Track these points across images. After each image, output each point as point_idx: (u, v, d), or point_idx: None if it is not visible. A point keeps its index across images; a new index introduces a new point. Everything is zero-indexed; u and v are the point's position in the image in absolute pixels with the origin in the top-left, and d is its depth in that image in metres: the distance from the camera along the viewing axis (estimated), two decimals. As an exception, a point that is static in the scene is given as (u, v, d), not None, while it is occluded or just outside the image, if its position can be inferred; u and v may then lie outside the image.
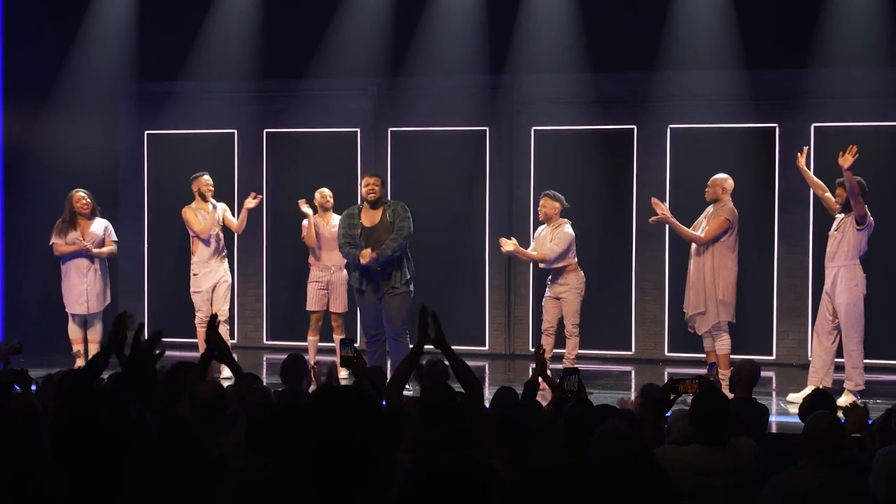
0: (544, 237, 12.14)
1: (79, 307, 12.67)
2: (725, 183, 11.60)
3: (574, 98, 14.24)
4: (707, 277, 11.49)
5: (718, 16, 13.58)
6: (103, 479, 3.22)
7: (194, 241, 12.84)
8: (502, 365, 14.00)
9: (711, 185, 11.61)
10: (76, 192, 12.74)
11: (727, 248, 11.49)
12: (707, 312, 11.53)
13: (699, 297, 11.55)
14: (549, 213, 12.11)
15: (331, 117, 15.04)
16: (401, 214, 11.46)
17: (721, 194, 11.54)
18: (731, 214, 11.47)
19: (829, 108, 13.67)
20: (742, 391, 8.26)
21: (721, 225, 11.43)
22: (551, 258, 12.00)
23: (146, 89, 15.46)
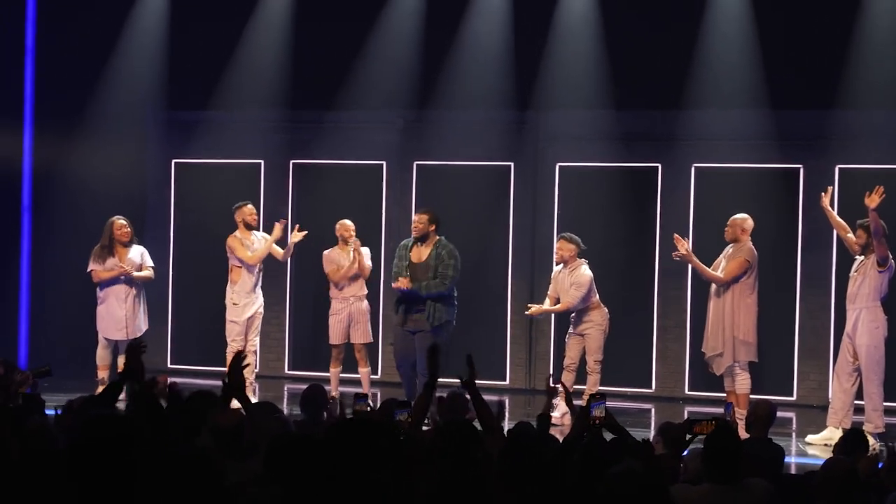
0: (562, 279, 12.16)
1: (118, 333, 12.67)
2: (745, 223, 11.61)
3: (599, 135, 14.28)
4: (726, 318, 11.49)
5: (744, 56, 13.62)
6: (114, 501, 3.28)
7: (236, 270, 12.74)
8: (522, 400, 14.01)
9: (731, 224, 11.63)
10: (117, 219, 12.78)
11: (747, 288, 11.49)
12: (724, 354, 11.52)
13: (717, 338, 11.55)
14: (566, 256, 12.14)
15: (357, 149, 15.11)
16: (444, 260, 11.66)
17: (740, 234, 11.56)
18: (751, 255, 11.49)
19: (853, 149, 13.67)
20: (758, 431, 8.24)
21: (741, 265, 11.44)
22: (574, 305, 12.04)
23: (175, 117, 15.58)
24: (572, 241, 12.14)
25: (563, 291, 12.14)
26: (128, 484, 2.88)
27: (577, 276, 12.02)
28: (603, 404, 6.72)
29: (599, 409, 6.69)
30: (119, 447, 3.64)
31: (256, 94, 14.84)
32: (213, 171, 15.50)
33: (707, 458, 6.14)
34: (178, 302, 15.67)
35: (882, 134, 13.56)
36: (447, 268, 11.65)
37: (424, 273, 11.68)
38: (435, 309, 11.64)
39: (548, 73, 14.23)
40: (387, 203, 15.01)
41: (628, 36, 13.88)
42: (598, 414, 6.67)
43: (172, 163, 15.65)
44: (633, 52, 13.90)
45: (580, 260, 12.13)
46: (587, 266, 12.10)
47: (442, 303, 11.68)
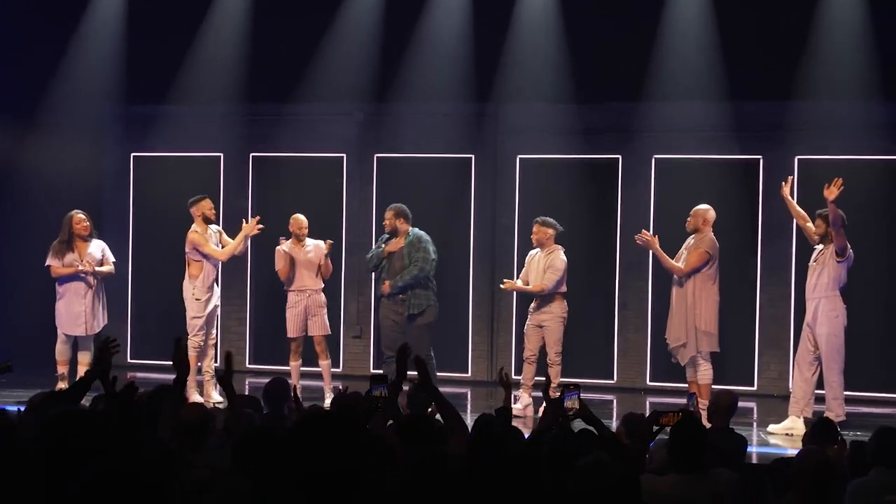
0: (537, 262, 12.13)
1: (77, 329, 12.58)
2: (707, 214, 11.66)
3: (559, 127, 14.30)
4: (689, 309, 11.54)
5: (703, 48, 13.66)
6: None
7: (195, 264, 12.55)
8: (484, 392, 14.02)
9: (693, 215, 11.67)
10: (76, 213, 12.66)
11: (708, 279, 11.54)
12: (688, 344, 11.57)
13: (681, 328, 11.59)
14: (542, 240, 12.13)
15: (317, 142, 15.08)
16: (416, 246, 12.21)
17: (702, 225, 11.60)
18: (711, 246, 11.53)
19: (812, 140, 13.76)
20: (719, 421, 8.28)
21: (701, 257, 11.49)
22: (549, 288, 12.01)
23: (133, 111, 15.48)
24: (548, 224, 12.13)
25: (535, 274, 12.10)
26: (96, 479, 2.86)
27: (554, 260, 12.02)
28: (577, 395, 6.65)
29: (572, 400, 6.63)
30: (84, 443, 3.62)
31: (215, 88, 14.76)
32: (173, 165, 15.43)
33: (673, 448, 6.16)
34: (137, 296, 15.59)
35: (841, 125, 13.64)
36: (419, 250, 12.15)
37: (400, 261, 12.18)
38: (413, 296, 12.11)
39: (508, 66, 14.23)
40: (347, 196, 14.98)
41: (588, 28, 13.89)
42: (571, 405, 6.61)
43: (131, 157, 15.57)
44: (592, 44, 13.90)
45: (557, 245, 12.13)
46: (563, 253, 12.10)
47: (420, 289, 12.12)
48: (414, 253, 12.14)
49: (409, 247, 12.16)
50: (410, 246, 12.16)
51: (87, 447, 3.57)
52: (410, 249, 12.15)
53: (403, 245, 12.21)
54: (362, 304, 14.98)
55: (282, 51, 14.71)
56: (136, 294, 15.60)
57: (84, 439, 3.61)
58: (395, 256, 12.20)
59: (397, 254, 12.20)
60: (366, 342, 14.88)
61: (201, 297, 12.52)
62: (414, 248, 12.16)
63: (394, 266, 12.18)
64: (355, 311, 15.03)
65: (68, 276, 12.57)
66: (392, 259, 12.22)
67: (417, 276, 12.08)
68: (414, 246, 12.17)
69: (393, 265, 12.20)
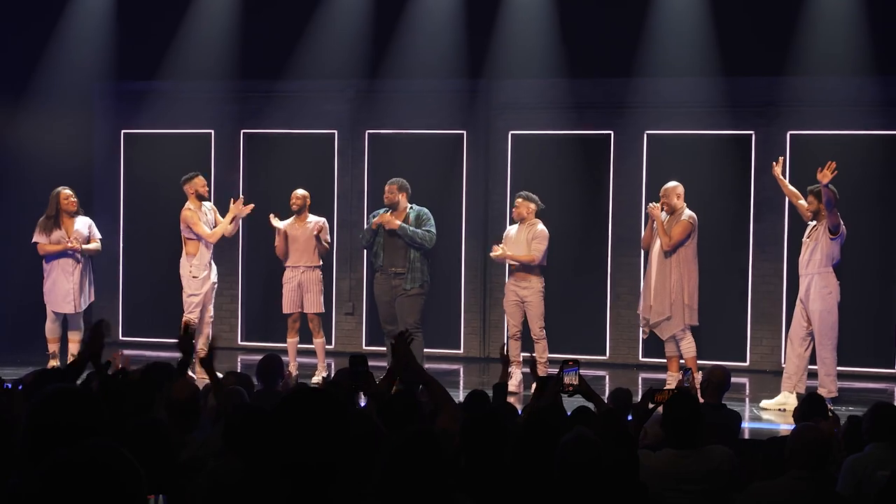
0: (517, 236, 12.10)
1: (66, 306, 12.53)
2: (677, 189, 11.68)
3: (551, 103, 14.27)
4: (674, 283, 11.56)
5: (696, 23, 13.63)
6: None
7: (192, 242, 12.48)
8: (477, 368, 14.03)
9: (666, 195, 11.66)
10: (63, 189, 12.59)
11: (691, 252, 11.59)
12: (673, 318, 11.59)
13: (664, 302, 11.60)
14: (524, 214, 12.10)
15: (308, 119, 15.04)
16: (423, 220, 12.00)
17: (676, 201, 11.62)
18: (692, 219, 11.57)
19: (804, 116, 13.75)
20: (711, 397, 8.29)
21: (685, 229, 11.52)
22: (538, 259, 11.99)
23: (122, 88, 15.43)
24: (531, 199, 12.11)
25: (515, 247, 12.06)
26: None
27: (537, 232, 11.99)
28: (576, 371, 6.62)
29: (571, 376, 6.60)
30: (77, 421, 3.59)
31: (206, 64, 14.70)
32: (163, 142, 15.38)
33: (666, 424, 6.16)
34: (128, 274, 15.55)
35: (833, 100, 13.64)
36: (429, 225, 11.98)
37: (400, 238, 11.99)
38: (413, 272, 11.94)
39: (500, 41, 14.18)
40: (339, 172, 14.94)
41: (580, 3, 13.87)
42: (570, 381, 6.58)
43: (121, 133, 15.52)
44: (584, 19, 13.88)
45: (537, 219, 12.11)
46: (543, 224, 12.08)
47: (420, 263, 11.97)
48: (424, 226, 11.94)
49: (415, 221, 11.96)
50: (417, 220, 11.96)
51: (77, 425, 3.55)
52: (418, 223, 11.95)
53: (406, 217, 11.97)
54: (354, 281, 14.96)
55: (273, 27, 14.65)
56: (128, 271, 15.56)
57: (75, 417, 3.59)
58: (396, 233, 11.97)
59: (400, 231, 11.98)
60: (357, 319, 14.86)
61: (198, 275, 12.47)
62: (421, 220, 11.97)
63: (395, 242, 11.97)
64: (347, 287, 15.01)
65: (55, 254, 12.52)
66: (391, 236, 11.97)
67: (425, 245, 11.90)
68: (421, 220, 11.97)
69: (393, 241, 11.97)
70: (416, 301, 11.95)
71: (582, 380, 6.64)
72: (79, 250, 12.49)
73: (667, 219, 11.67)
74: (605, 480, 4.75)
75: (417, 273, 11.95)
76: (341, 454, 3.46)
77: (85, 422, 3.59)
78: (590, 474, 4.64)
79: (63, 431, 3.55)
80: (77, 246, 12.45)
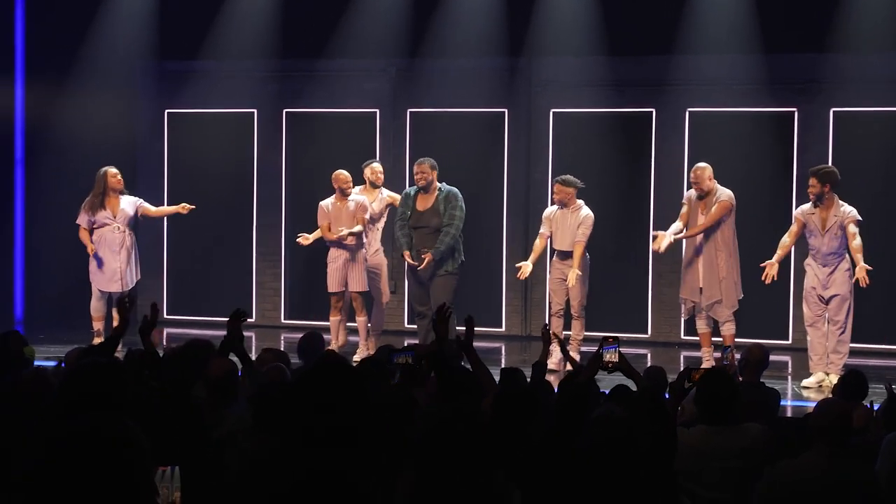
0: (562, 219, 12.08)
1: (113, 285, 12.62)
2: (707, 171, 11.67)
3: (592, 81, 14.24)
4: (721, 265, 11.57)
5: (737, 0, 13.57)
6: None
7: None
8: (518, 347, 14.05)
9: (698, 179, 11.63)
10: (109, 169, 12.71)
11: (731, 230, 11.61)
12: (725, 300, 11.59)
13: (714, 286, 11.59)
14: (565, 199, 12.09)
15: (350, 97, 15.07)
16: (452, 203, 11.93)
17: (709, 182, 11.60)
18: (731, 198, 11.56)
19: (847, 93, 13.65)
20: (750, 375, 8.27)
21: (724, 208, 11.52)
22: (584, 243, 11.99)
23: (166, 67, 15.51)
24: (568, 182, 12.08)
25: (562, 232, 12.06)
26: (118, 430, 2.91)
27: (584, 218, 11.98)
28: (615, 348, 6.58)
29: (611, 354, 6.58)
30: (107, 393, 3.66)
31: (248, 43, 14.77)
32: (206, 121, 15.46)
33: (700, 401, 6.17)
34: (172, 252, 15.65)
35: (876, 77, 13.54)
36: (454, 208, 11.93)
37: (433, 217, 11.95)
38: (452, 258, 11.97)
39: (540, 19, 14.17)
40: (380, 151, 14.96)
41: (621, -20, 13.84)
42: (609, 358, 6.57)
43: (165, 113, 15.60)
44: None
45: (579, 201, 12.10)
46: (587, 207, 12.07)
47: (454, 247, 11.97)
48: (450, 210, 11.92)
49: (444, 202, 11.95)
50: (446, 201, 11.95)
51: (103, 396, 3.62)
52: (447, 205, 11.94)
53: (437, 197, 11.99)
54: (396, 259, 14.96)
55: (314, 6, 14.69)
56: (172, 250, 15.65)
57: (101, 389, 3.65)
58: (428, 213, 11.99)
59: (431, 210, 11.99)
60: (399, 297, 14.89)
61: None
62: (450, 203, 11.95)
63: (429, 222, 11.95)
64: (390, 266, 15.03)
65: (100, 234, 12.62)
66: (425, 216, 11.98)
67: (455, 235, 11.92)
68: (450, 202, 11.95)
69: (427, 221, 11.96)
70: (448, 283, 11.95)
71: (622, 357, 6.61)
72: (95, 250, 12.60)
73: (702, 200, 11.64)
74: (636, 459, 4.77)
75: (456, 254, 11.99)
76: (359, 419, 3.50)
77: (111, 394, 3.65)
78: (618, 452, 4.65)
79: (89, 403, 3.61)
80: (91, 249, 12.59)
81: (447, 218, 11.91)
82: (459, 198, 12.02)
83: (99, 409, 3.41)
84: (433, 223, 11.95)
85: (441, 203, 11.98)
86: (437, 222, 11.95)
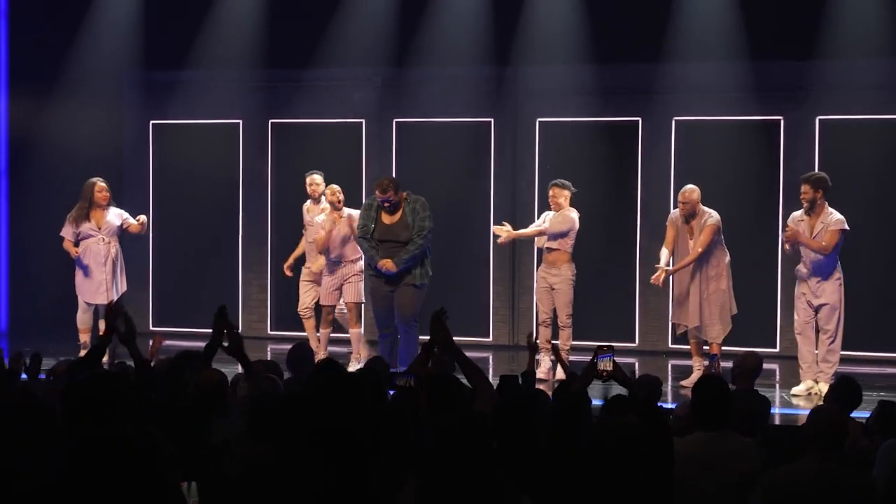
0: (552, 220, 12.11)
1: (98, 297, 12.52)
2: (694, 193, 11.65)
3: (579, 89, 14.22)
4: (712, 292, 11.57)
5: (723, 7, 13.57)
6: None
7: None
8: (506, 356, 14.01)
9: (686, 201, 11.60)
10: (97, 181, 12.64)
11: (721, 250, 11.62)
12: (716, 321, 11.59)
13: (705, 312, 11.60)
14: (561, 202, 12.08)
15: (336, 108, 15.04)
16: (420, 214, 11.57)
17: (696, 205, 11.59)
18: (718, 221, 11.58)
19: (834, 100, 13.65)
20: (744, 383, 8.25)
21: (712, 232, 11.51)
22: (551, 231, 11.94)
23: (151, 78, 15.46)
24: (565, 186, 12.09)
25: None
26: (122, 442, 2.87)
27: (565, 216, 11.97)
28: (610, 357, 6.54)
29: (605, 363, 6.55)
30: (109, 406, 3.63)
31: (234, 53, 14.74)
32: (192, 132, 15.41)
33: (695, 407, 6.18)
34: (158, 264, 15.59)
35: (862, 84, 13.53)
36: (423, 219, 11.58)
37: (402, 230, 11.61)
38: (419, 269, 11.66)
39: (526, 28, 14.16)
40: (367, 161, 14.94)
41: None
42: (604, 366, 6.55)
43: (150, 124, 15.55)
44: (611, 4, 13.86)
45: (571, 207, 12.09)
46: (576, 214, 12.06)
47: (423, 258, 11.66)
48: (419, 222, 11.54)
49: (411, 213, 11.58)
50: (414, 213, 11.58)
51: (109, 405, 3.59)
52: (414, 216, 11.57)
53: (405, 210, 11.61)
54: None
55: (300, 16, 14.67)
56: (158, 261, 15.59)
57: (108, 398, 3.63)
58: (396, 226, 11.61)
59: (399, 223, 11.63)
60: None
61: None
62: (417, 213, 11.58)
63: (398, 236, 11.56)
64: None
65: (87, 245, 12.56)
66: (392, 229, 11.60)
67: (423, 245, 11.59)
68: (417, 212, 11.58)
69: (396, 235, 11.56)
70: (416, 294, 11.64)
71: (616, 366, 6.58)
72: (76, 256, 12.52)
73: (689, 224, 11.63)
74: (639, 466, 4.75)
75: (425, 267, 11.70)
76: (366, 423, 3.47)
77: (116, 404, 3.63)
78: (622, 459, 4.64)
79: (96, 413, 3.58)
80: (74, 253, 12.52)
81: (417, 228, 11.55)
82: (427, 207, 11.71)
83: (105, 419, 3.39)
84: (403, 236, 11.60)
85: (409, 214, 11.62)
86: (406, 235, 11.61)
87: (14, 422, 4.89)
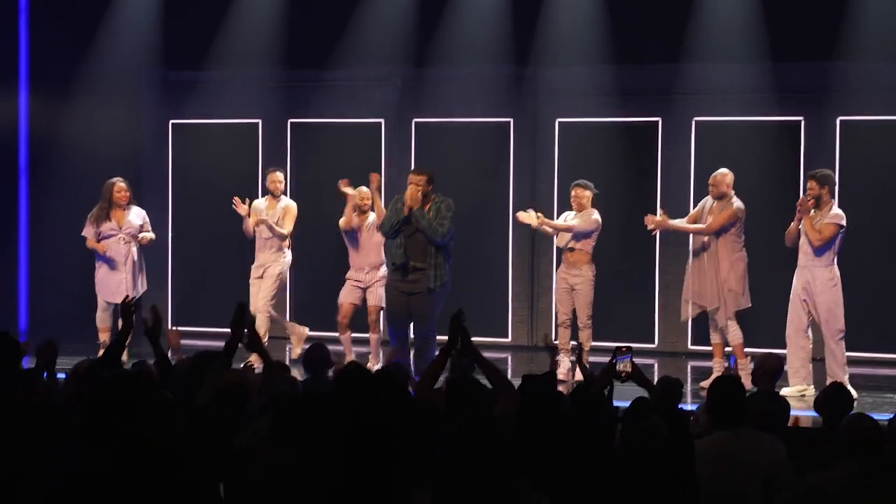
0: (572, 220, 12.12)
1: (118, 296, 12.44)
2: (727, 178, 11.63)
3: (598, 90, 14.21)
4: (722, 272, 11.52)
5: (744, 8, 13.55)
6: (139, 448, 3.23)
7: None
8: (525, 357, 14.00)
9: (716, 183, 11.60)
10: (116, 181, 12.68)
11: (736, 242, 11.56)
12: (724, 305, 11.55)
13: (714, 292, 11.56)
14: (584, 203, 12.08)
15: (355, 108, 15.04)
16: (442, 213, 11.39)
17: (726, 189, 11.58)
18: (740, 210, 11.52)
19: (854, 101, 13.61)
20: (765, 385, 8.24)
21: (730, 216, 11.47)
22: (576, 228, 11.92)
23: (170, 77, 15.49)
24: (587, 187, 12.10)
25: None
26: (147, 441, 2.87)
27: (588, 215, 11.99)
28: (629, 358, 6.60)
29: (624, 364, 6.57)
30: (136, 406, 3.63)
31: (253, 53, 14.76)
32: (211, 132, 15.43)
33: (711, 408, 6.19)
34: (177, 264, 15.61)
35: (883, 85, 13.51)
36: (444, 219, 11.39)
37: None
38: (437, 269, 11.42)
39: (546, 28, 14.15)
40: (386, 161, 14.94)
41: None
42: (623, 368, 6.56)
43: (169, 124, 15.58)
44: (631, 4, 13.84)
45: (593, 209, 12.08)
46: (598, 214, 12.05)
47: (443, 261, 11.48)
48: (440, 220, 11.34)
49: (436, 212, 11.37)
50: (438, 212, 11.38)
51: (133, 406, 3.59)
52: (438, 216, 11.36)
53: (430, 208, 11.40)
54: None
55: (319, 16, 14.67)
56: (176, 261, 15.61)
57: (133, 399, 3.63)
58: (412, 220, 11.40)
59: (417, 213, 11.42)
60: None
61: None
62: (440, 212, 11.37)
63: (416, 237, 11.37)
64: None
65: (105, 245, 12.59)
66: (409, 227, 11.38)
67: (435, 238, 11.29)
68: (440, 212, 11.38)
69: (415, 237, 11.38)
70: (435, 301, 11.44)
71: (635, 367, 6.62)
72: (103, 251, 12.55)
73: (713, 204, 11.62)
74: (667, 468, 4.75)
75: (441, 270, 11.45)
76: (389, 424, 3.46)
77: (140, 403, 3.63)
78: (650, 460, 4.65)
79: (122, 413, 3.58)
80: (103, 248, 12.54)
81: (439, 219, 11.34)
82: (453, 210, 11.49)
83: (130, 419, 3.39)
84: (423, 235, 11.43)
85: (433, 213, 11.42)
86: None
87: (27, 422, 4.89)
